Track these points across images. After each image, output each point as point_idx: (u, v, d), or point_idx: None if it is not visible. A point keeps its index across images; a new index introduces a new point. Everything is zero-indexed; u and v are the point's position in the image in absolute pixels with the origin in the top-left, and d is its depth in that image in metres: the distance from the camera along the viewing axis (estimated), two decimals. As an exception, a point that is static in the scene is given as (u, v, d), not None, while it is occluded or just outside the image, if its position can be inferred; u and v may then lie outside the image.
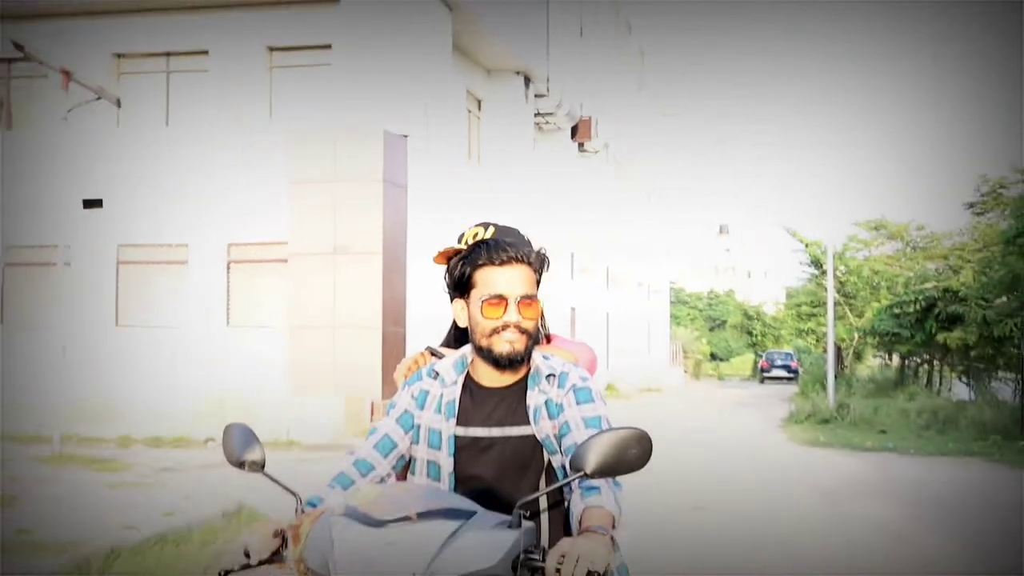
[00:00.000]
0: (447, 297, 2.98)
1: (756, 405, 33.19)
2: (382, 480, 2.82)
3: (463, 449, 2.79)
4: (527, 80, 27.85)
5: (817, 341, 40.82)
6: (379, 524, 2.27)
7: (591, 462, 2.45)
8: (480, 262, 2.79)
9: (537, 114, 29.61)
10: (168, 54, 22.75)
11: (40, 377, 18.60)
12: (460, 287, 2.84)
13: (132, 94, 22.72)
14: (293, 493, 2.63)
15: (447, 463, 2.79)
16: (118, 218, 21.40)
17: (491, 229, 3.30)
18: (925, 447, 18.06)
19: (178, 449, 16.89)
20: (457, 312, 2.87)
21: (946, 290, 26.94)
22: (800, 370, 49.12)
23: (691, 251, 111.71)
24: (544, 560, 2.28)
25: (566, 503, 2.77)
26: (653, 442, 2.46)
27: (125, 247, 21.60)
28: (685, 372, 56.64)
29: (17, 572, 6.67)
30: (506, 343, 2.74)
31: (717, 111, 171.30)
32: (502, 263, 2.77)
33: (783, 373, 55.77)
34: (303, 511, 2.59)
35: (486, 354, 2.78)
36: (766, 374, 56.91)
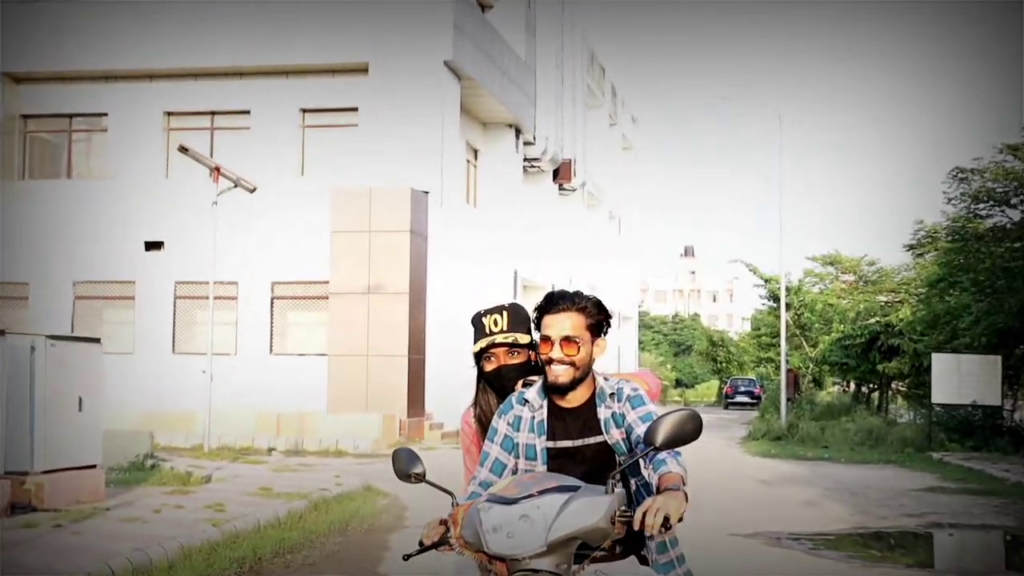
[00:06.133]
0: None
1: (719, 427, 39.11)
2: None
3: (554, 458, 3.90)
4: (517, 131, 33.72)
5: (777, 369, 46.92)
6: (512, 502, 3.36)
7: (660, 437, 3.45)
8: (541, 312, 3.94)
9: (525, 159, 35.45)
10: (213, 113, 28.33)
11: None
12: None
13: (179, 148, 28.27)
14: (448, 493, 3.76)
15: (542, 470, 3.88)
16: (175, 258, 26.91)
17: (504, 314, 4.33)
18: (854, 457, 24.13)
19: (246, 456, 22.26)
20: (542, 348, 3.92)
21: (887, 325, 33.10)
22: (763, 396, 54.77)
23: (657, 274, 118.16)
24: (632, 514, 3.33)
25: (631, 482, 3.91)
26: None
27: (181, 283, 27.15)
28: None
29: (287, 489, 12.35)
30: (553, 374, 3.86)
31: (685, 141, 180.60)
32: (553, 312, 3.90)
33: (746, 399, 60.71)
34: (457, 504, 3.67)
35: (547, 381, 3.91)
36: (730, 400, 62.17)
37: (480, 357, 4.37)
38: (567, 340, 3.80)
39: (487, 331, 4.32)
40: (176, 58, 27.78)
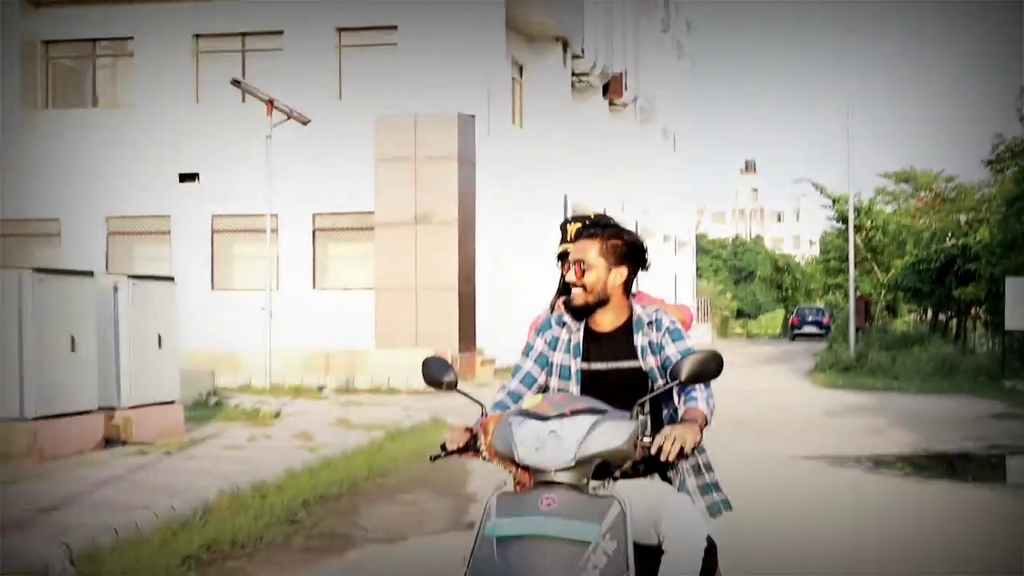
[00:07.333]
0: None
1: (785, 359, 41.19)
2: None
3: (587, 379, 4.67)
4: (565, 45, 35.41)
5: (846, 296, 48.83)
6: (545, 419, 4.09)
7: (684, 373, 4.39)
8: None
9: (573, 74, 37.16)
10: (244, 34, 30.24)
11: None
12: None
13: (210, 72, 30.15)
14: (479, 403, 4.56)
15: (575, 390, 4.66)
16: (211, 190, 29.02)
17: (586, 223, 4.98)
18: (925, 387, 26.19)
19: (300, 396, 24.29)
20: None
21: (964, 248, 34.83)
22: (832, 326, 56.44)
23: (715, 192, 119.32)
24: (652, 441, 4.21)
25: (663, 410, 4.67)
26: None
27: (219, 217, 29.29)
28: (713, 330, 63.69)
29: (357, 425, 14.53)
30: (572, 294, 4.66)
31: (742, 57, 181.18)
32: (573, 239, 4.77)
33: (814, 329, 62.29)
34: (487, 415, 4.45)
35: None
36: (797, 331, 63.73)
37: (560, 261, 5.13)
38: (576, 264, 4.60)
39: (567, 238, 5.22)
40: (205, -24, 29.68)
